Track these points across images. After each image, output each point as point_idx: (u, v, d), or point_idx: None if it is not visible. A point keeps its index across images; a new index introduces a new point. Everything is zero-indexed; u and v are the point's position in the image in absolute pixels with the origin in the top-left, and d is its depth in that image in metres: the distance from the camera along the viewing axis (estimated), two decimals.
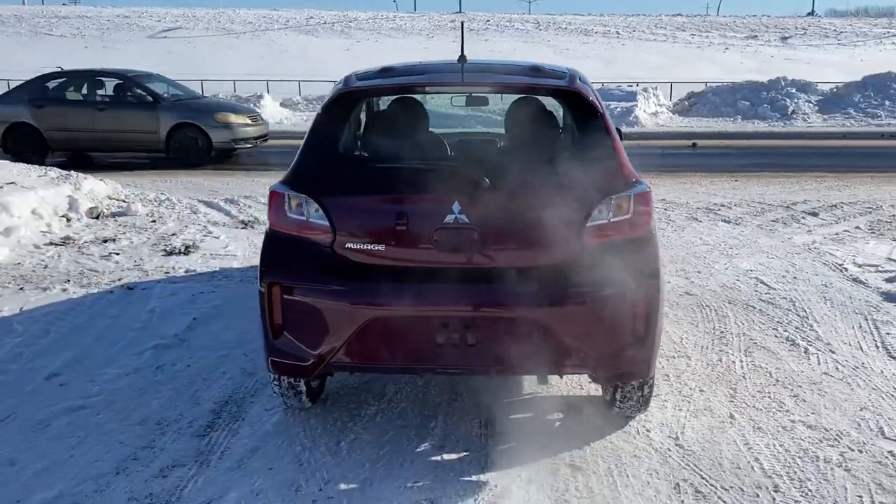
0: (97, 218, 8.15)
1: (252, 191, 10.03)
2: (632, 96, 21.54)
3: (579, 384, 3.92)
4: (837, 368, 4.16)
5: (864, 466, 3.16)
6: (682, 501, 2.93)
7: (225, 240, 7.28)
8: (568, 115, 3.40)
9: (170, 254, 6.74)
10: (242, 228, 7.86)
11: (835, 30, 52.17)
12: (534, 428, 3.51)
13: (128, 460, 3.26)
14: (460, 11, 59.45)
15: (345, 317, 3.10)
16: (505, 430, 3.49)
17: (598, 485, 3.04)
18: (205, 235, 7.44)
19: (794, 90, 22.86)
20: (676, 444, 3.36)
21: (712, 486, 3.03)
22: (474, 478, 3.10)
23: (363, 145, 3.37)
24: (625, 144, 3.41)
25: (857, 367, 4.17)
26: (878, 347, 4.47)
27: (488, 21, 54.71)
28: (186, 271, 6.23)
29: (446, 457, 3.27)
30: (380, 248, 3.15)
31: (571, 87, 3.40)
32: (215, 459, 3.26)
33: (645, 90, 22.43)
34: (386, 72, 3.56)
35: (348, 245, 3.17)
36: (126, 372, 4.20)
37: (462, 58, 3.63)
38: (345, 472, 3.15)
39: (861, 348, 4.45)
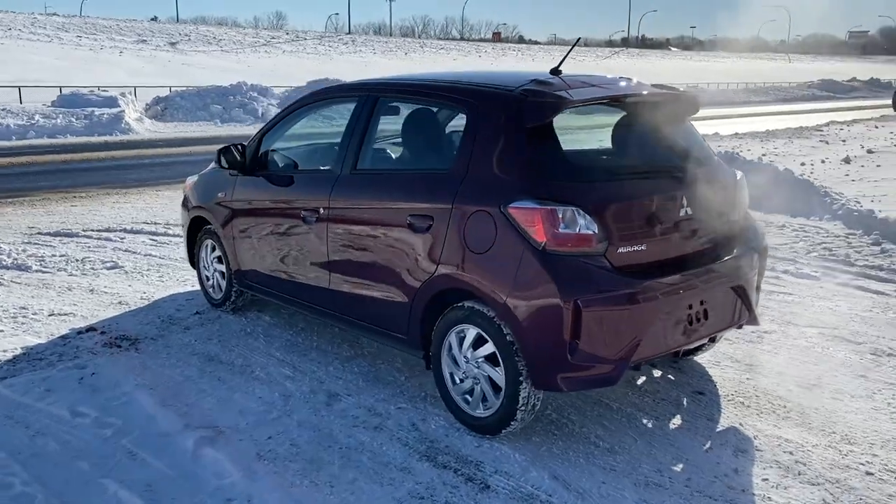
0: None
1: None
2: (113, 101, 20.09)
3: None
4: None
5: None
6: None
7: None
8: (672, 119, 3.91)
9: None
10: None
11: (216, 38, 56.01)
12: (659, 391, 4.05)
13: None
14: None
15: (639, 317, 3.21)
16: (642, 399, 3.95)
17: (781, 421, 3.82)
18: None
19: (255, 94, 24.51)
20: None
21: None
22: (706, 445, 3.57)
23: (583, 153, 3.33)
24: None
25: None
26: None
27: None
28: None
29: (672, 426, 3.63)
30: (642, 247, 3.34)
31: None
32: None
33: (123, 95, 21.12)
34: (549, 84, 3.49)
35: (620, 250, 3.26)
36: (227, 481, 3.08)
37: (557, 71, 3.79)
38: (641, 468, 3.29)
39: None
